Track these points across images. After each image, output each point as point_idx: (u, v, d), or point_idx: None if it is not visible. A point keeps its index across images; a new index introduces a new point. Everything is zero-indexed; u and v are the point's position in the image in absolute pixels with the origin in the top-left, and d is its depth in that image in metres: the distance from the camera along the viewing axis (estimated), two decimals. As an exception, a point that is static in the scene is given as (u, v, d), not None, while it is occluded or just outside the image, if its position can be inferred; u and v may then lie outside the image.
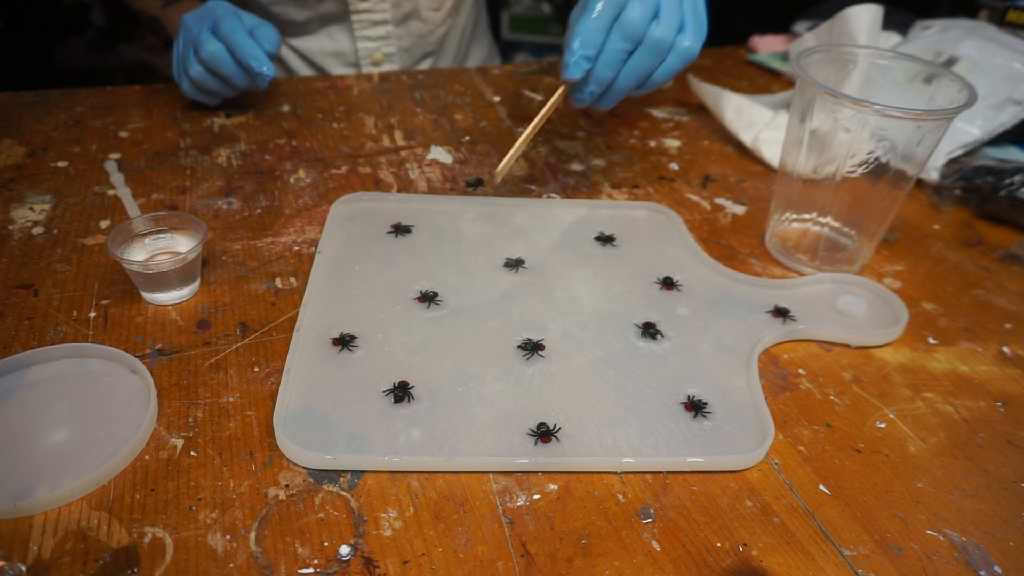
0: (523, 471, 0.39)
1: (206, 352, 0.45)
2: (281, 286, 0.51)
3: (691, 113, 0.81)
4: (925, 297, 0.55)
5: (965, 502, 0.39)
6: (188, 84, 0.68)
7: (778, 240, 0.58)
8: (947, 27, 0.76)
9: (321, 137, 0.70)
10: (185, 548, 0.34)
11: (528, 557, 0.35)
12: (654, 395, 0.44)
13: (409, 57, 0.93)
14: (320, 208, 0.59)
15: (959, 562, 0.36)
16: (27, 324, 0.46)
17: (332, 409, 0.41)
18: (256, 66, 0.65)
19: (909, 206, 0.67)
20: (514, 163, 0.59)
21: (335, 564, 0.34)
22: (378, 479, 0.38)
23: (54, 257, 0.52)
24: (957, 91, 0.50)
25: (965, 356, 0.50)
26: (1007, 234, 0.63)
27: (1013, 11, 0.85)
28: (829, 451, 0.42)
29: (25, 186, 0.59)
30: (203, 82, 0.67)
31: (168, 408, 0.41)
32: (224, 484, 0.37)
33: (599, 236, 0.58)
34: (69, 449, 0.38)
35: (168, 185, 0.61)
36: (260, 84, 0.67)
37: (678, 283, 0.53)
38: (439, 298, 0.50)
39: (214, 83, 0.67)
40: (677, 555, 0.36)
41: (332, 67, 0.91)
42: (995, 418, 0.45)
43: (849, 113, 0.49)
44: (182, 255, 0.47)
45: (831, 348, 0.49)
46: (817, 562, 0.36)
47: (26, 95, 0.74)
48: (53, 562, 0.33)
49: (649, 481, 0.39)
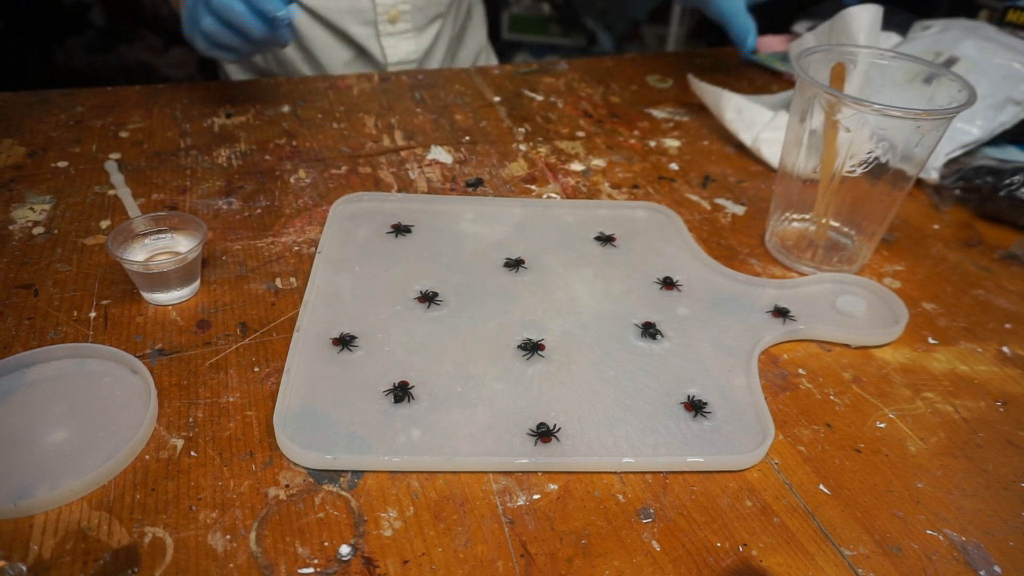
0: (523, 471, 0.39)
1: (206, 352, 0.45)
2: (281, 286, 0.51)
3: (691, 113, 0.81)
4: (925, 297, 0.55)
5: (965, 502, 0.39)
6: (201, 39, 0.64)
7: (778, 240, 0.58)
8: (947, 27, 0.76)
9: (321, 137, 0.70)
10: (185, 548, 0.34)
11: (528, 557, 0.35)
12: (654, 395, 0.44)
13: (422, 16, 0.91)
14: (320, 208, 0.59)
15: (959, 562, 0.36)
16: (27, 324, 0.46)
17: (332, 409, 0.41)
18: (272, 8, 0.60)
19: (909, 206, 0.67)
20: None
21: (335, 564, 0.34)
22: (378, 479, 0.38)
23: (54, 257, 0.52)
24: (957, 91, 0.50)
25: (965, 356, 0.50)
26: (1007, 234, 0.63)
27: (1013, 11, 0.85)
28: (829, 451, 0.42)
29: (25, 186, 0.59)
30: (217, 35, 0.62)
31: (168, 408, 0.41)
32: (224, 484, 0.37)
33: (599, 236, 0.58)
34: (69, 449, 0.38)
35: (168, 185, 0.61)
36: (281, 35, 0.63)
37: (678, 283, 0.53)
38: (439, 298, 0.50)
39: (229, 35, 0.63)
40: (677, 555, 0.36)
41: (349, 25, 0.88)
42: (995, 418, 0.45)
43: (849, 113, 0.49)
44: (182, 255, 0.47)
45: (831, 348, 0.49)
46: (817, 562, 0.36)
47: (26, 95, 0.74)
48: (53, 562, 0.33)
49: (649, 481, 0.39)
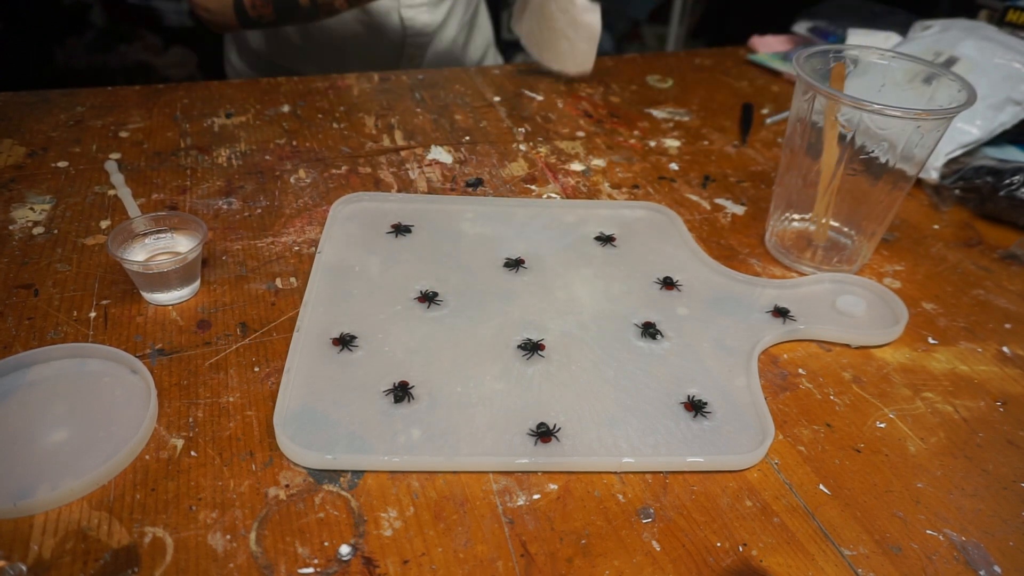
0: (523, 471, 0.39)
1: (206, 352, 0.45)
2: (281, 286, 0.51)
3: (691, 113, 0.81)
4: (925, 297, 0.55)
5: (965, 502, 0.39)
6: None
7: (778, 240, 0.58)
8: (947, 27, 0.76)
9: (321, 137, 0.70)
10: (185, 548, 0.34)
11: (528, 557, 0.35)
12: (654, 395, 0.44)
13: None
14: (320, 208, 0.59)
15: (959, 562, 0.36)
16: (27, 324, 0.46)
17: (332, 409, 0.41)
18: None
19: (909, 206, 0.67)
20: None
21: (335, 564, 0.34)
22: (378, 479, 0.38)
23: (54, 257, 0.52)
24: (957, 91, 0.50)
25: (965, 356, 0.50)
26: (1007, 234, 0.63)
27: (1013, 11, 0.85)
28: (829, 451, 0.42)
29: (25, 186, 0.59)
30: None
31: (168, 408, 0.41)
32: (224, 484, 0.37)
33: (599, 236, 0.58)
34: (69, 449, 0.38)
35: (168, 185, 0.61)
36: None
37: (678, 283, 0.53)
38: (439, 298, 0.50)
39: None
40: (677, 555, 0.36)
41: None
42: (995, 418, 0.45)
43: (848, 113, 0.49)
44: (182, 255, 0.47)
45: (831, 348, 0.49)
46: (817, 562, 0.36)
47: (26, 95, 0.74)
48: (53, 562, 0.33)
49: (649, 481, 0.39)
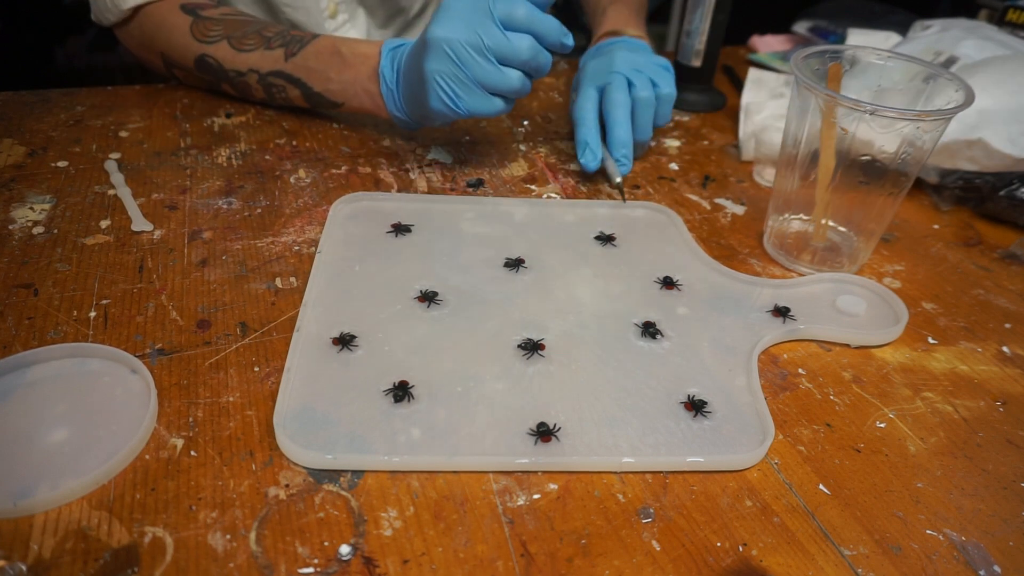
0: (523, 471, 0.39)
1: (206, 352, 0.45)
2: (281, 286, 0.51)
3: (691, 113, 0.81)
4: (925, 297, 0.55)
5: (965, 502, 0.39)
6: (450, 98, 0.56)
7: (777, 240, 0.58)
8: (947, 27, 0.76)
9: (321, 137, 0.70)
10: (185, 548, 0.34)
11: (528, 557, 0.35)
12: (654, 395, 0.44)
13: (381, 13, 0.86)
14: (320, 208, 0.59)
15: (959, 561, 0.36)
16: (27, 324, 0.46)
17: (332, 409, 0.41)
18: (558, 34, 0.56)
19: (909, 206, 0.67)
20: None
21: (335, 564, 0.34)
22: (378, 479, 0.38)
23: (54, 257, 0.52)
24: (955, 91, 0.50)
25: (965, 356, 0.50)
26: (1007, 234, 0.63)
27: (1013, 11, 0.85)
28: (829, 451, 0.42)
29: (25, 186, 0.59)
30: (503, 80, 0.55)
31: (168, 408, 0.41)
32: (224, 484, 0.37)
33: (599, 236, 0.58)
34: (69, 449, 0.38)
35: (168, 185, 0.61)
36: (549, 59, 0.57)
37: (678, 283, 0.53)
38: (439, 298, 0.50)
39: (508, 81, 0.56)
40: (677, 555, 0.36)
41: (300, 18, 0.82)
42: (995, 418, 0.45)
43: (846, 113, 0.49)
44: None
45: (831, 348, 0.49)
46: (817, 562, 0.36)
47: (26, 95, 0.74)
48: (53, 562, 0.33)
49: (649, 481, 0.39)
